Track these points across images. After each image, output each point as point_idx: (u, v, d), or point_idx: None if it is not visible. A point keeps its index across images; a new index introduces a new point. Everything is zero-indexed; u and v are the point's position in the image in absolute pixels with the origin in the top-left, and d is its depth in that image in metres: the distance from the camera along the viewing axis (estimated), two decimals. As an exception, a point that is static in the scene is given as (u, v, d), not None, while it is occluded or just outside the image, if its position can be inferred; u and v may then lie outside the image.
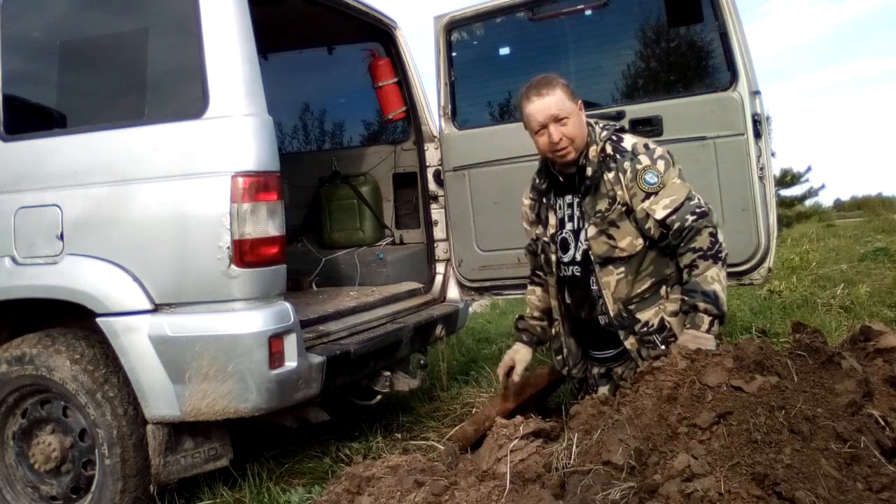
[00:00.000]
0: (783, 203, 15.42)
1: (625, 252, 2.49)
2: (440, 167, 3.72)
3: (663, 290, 2.52)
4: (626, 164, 2.47)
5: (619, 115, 3.21)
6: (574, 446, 1.96)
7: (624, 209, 2.48)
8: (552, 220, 2.65)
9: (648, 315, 2.50)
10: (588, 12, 3.46)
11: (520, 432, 2.20)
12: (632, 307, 2.51)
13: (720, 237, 2.41)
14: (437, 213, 3.77)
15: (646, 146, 2.50)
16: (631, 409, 2.01)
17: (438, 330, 3.51)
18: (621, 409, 2.04)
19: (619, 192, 2.47)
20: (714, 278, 2.38)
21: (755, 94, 3.05)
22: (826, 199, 24.01)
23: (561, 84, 2.51)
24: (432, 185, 3.77)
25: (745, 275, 3.09)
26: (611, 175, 2.49)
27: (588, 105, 3.34)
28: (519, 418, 2.34)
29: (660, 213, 2.42)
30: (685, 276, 2.44)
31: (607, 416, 2.02)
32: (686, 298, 2.42)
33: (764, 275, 3.08)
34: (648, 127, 3.17)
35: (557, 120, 2.46)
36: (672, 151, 2.54)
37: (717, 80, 3.15)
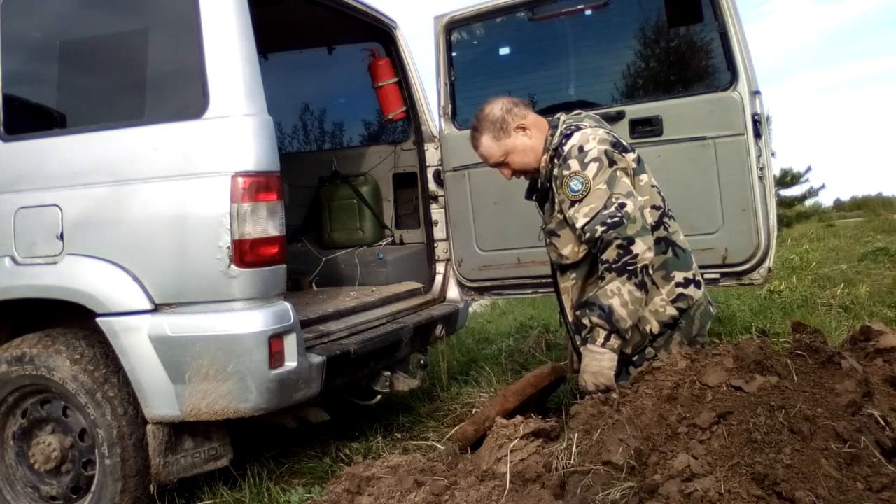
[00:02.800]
0: (783, 203, 15.42)
1: (568, 259, 2.51)
2: (440, 167, 3.72)
3: None
4: (557, 171, 2.45)
5: (619, 115, 3.21)
6: (574, 446, 1.96)
7: (562, 217, 2.47)
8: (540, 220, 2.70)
9: None
10: (588, 12, 3.46)
11: (520, 432, 2.20)
12: (579, 312, 2.48)
13: (635, 248, 2.28)
14: (437, 213, 3.77)
15: (581, 148, 2.41)
16: (631, 409, 2.01)
17: (438, 330, 3.51)
18: (621, 409, 2.04)
19: (558, 199, 2.47)
20: (614, 292, 2.30)
21: (755, 94, 3.05)
22: (826, 199, 24.02)
23: (486, 129, 2.56)
24: (432, 185, 3.77)
25: (745, 275, 3.10)
26: (552, 183, 2.50)
27: (588, 105, 3.37)
28: (519, 418, 2.33)
29: (580, 222, 2.37)
30: None
31: (607, 416, 2.02)
32: (583, 311, 2.39)
33: (764, 275, 3.08)
34: (648, 127, 3.17)
35: (498, 164, 2.60)
36: (672, 151, 2.54)
37: (717, 80, 3.14)
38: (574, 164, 2.40)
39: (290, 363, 2.45)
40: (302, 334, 2.54)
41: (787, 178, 15.65)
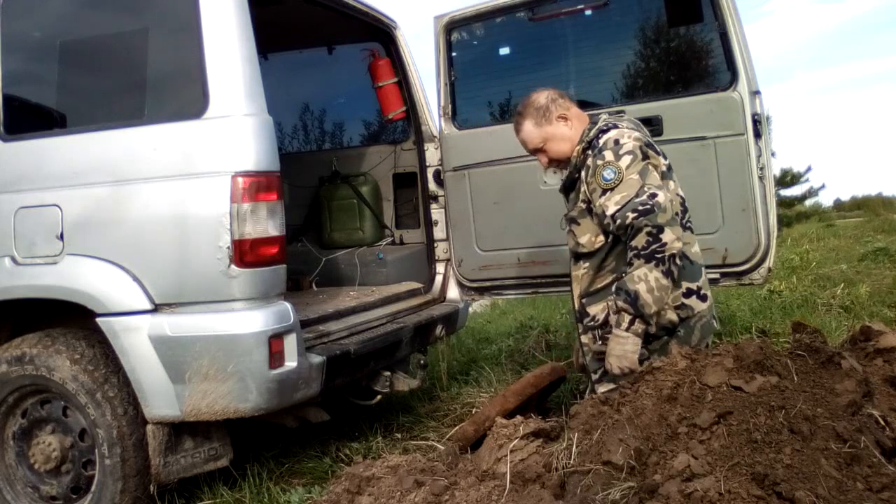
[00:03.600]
0: (783, 203, 15.43)
1: (585, 248, 2.55)
2: (440, 167, 3.72)
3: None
4: (590, 161, 2.50)
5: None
6: (574, 446, 1.96)
7: (585, 206, 2.51)
8: None
9: (596, 310, 2.54)
10: (588, 12, 3.46)
11: (520, 432, 2.20)
12: (585, 301, 2.56)
13: (664, 237, 2.32)
14: (437, 213, 3.77)
15: (616, 142, 2.46)
16: (631, 409, 2.01)
17: (438, 330, 3.51)
18: (621, 409, 2.04)
19: (583, 189, 2.51)
20: (641, 278, 2.33)
21: (755, 94, 3.05)
22: (826, 199, 24.01)
23: (530, 115, 2.63)
24: (432, 185, 3.77)
25: (745, 275, 3.09)
26: (583, 173, 2.53)
27: (588, 105, 3.37)
28: (519, 418, 2.34)
29: (611, 209, 2.40)
30: None
31: (607, 416, 2.02)
32: (612, 297, 2.44)
33: (764, 275, 3.08)
34: (648, 127, 3.16)
35: (537, 150, 2.66)
36: (671, 151, 2.53)
37: (717, 80, 3.14)
38: (608, 155, 2.44)
39: (290, 363, 2.45)
40: (302, 334, 2.54)
41: (787, 178, 15.66)
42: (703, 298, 2.52)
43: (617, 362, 2.43)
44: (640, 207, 2.34)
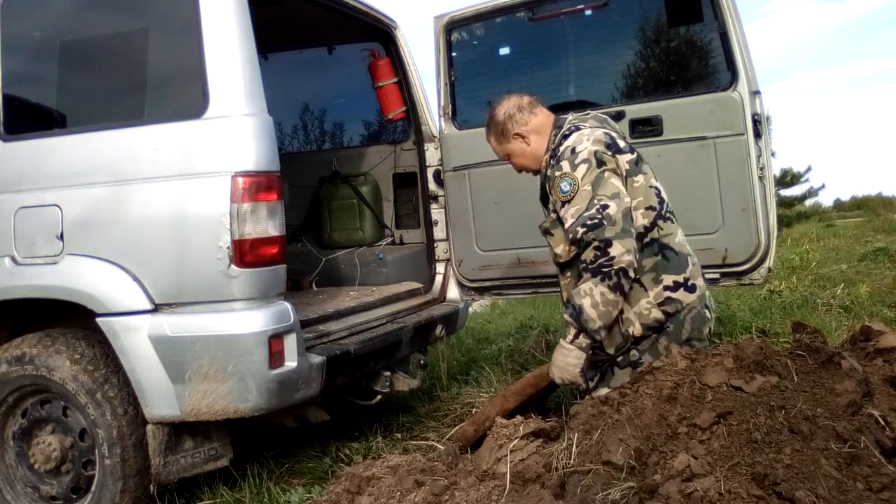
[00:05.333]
0: (783, 203, 15.43)
1: (561, 258, 2.56)
2: (440, 167, 3.72)
3: None
4: (550, 172, 2.51)
5: (619, 115, 3.21)
6: (574, 446, 1.96)
7: (555, 216, 2.51)
8: None
9: None
10: (588, 12, 3.46)
11: (520, 432, 2.20)
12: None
13: (612, 251, 2.30)
14: (437, 213, 3.77)
15: (573, 150, 2.44)
16: (631, 409, 2.01)
17: (438, 330, 3.51)
18: (621, 409, 2.04)
19: (551, 199, 2.53)
20: (587, 292, 2.34)
21: (755, 94, 3.05)
22: (826, 199, 24.00)
23: (490, 130, 2.70)
24: (432, 185, 3.77)
25: (745, 275, 3.09)
26: (547, 184, 2.56)
27: (588, 105, 3.37)
28: (519, 418, 2.33)
29: (568, 222, 2.41)
30: None
31: (607, 416, 2.02)
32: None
33: (764, 275, 3.07)
34: (648, 127, 3.17)
35: (506, 158, 2.74)
36: (672, 151, 2.53)
37: (717, 80, 3.14)
38: (565, 166, 2.44)
39: (290, 363, 2.45)
40: (302, 334, 2.53)
41: (787, 178, 15.67)
42: (692, 289, 2.46)
43: (558, 373, 2.47)
44: (589, 222, 2.33)
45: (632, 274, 2.36)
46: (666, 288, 2.44)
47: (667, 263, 2.46)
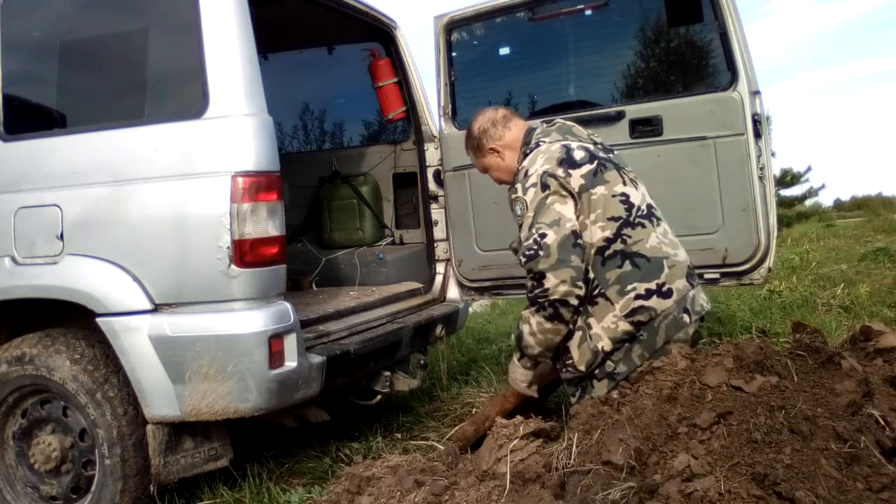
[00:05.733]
0: (783, 203, 15.43)
1: None
2: (440, 167, 3.72)
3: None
4: (508, 193, 2.60)
5: (619, 115, 3.21)
6: (574, 446, 1.96)
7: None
8: None
9: None
10: (588, 12, 3.46)
11: (520, 432, 2.20)
12: None
13: (546, 283, 2.35)
14: (437, 213, 3.77)
15: (526, 173, 2.50)
16: (631, 409, 2.01)
17: (438, 330, 3.51)
18: (621, 409, 2.04)
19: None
20: (525, 319, 2.48)
21: (755, 94, 3.05)
22: (826, 199, 23.97)
23: (468, 145, 2.81)
24: (432, 185, 3.77)
25: (745, 275, 3.09)
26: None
27: (588, 105, 3.38)
28: (519, 418, 2.34)
29: (519, 248, 2.49)
30: None
31: (607, 416, 2.03)
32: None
33: (764, 275, 3.07)
34: (648, 127, 3.17)
35: (484, 172, 2.88)
36: (672, 151, 2.54)
37: (717, 80, 3.14)
38: (519, 188, 2.51)
39: (290, 363, 2.45)
40: (302, 334, 2.53)
41: (787, 178, 15.66)
42: (667, 295, 2.40)
43: (512, 384, 2.70)
44: (528, 252, 2.40)
45: (573, 301, 2.38)
46: (637, 297, 2.39)
47: (636, 272, 2.41)
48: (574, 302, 2.38)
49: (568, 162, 2.47)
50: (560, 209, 2.40)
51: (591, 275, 2.43)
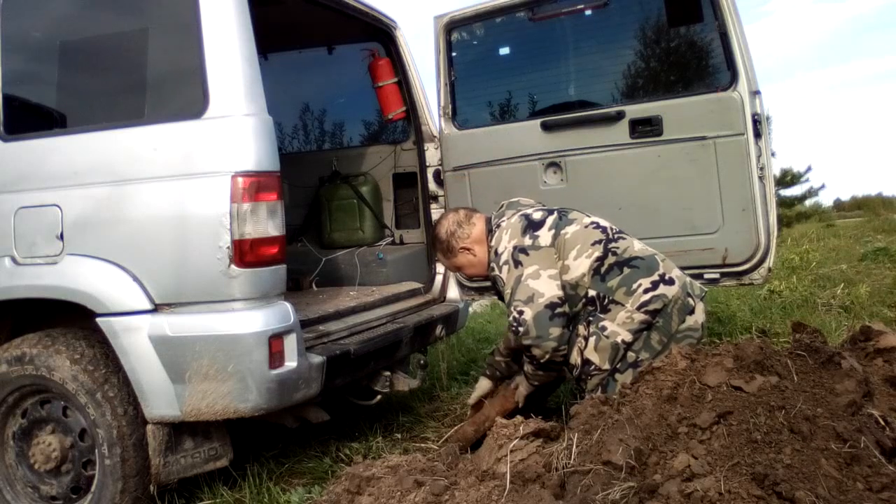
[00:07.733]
0: (783, 203, 15.41)
1: None
2: (440, 167, 3.72)
3: (580, 328, 2.65)
4: (489, 273, 2.80)
5: (620, 115, 3.21)
6: (574, 446, 1.96)
7: None
8: None
9: (574, 356, 2.65)
10: (588, 12, 3.46)
11: (520, 432, 2.20)
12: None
13: (535, 352, 2.61)
14: (437, 213, 3.76)
15: (496, 253, 2.70)
16: (631, 409, 2.01)
17: (438, 330, 3.51)
18: (621, 409, 2.04)
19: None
20: (524, 361, 2.77)
21: (755, 93, 3.05)
22: (826, 199, 23.96)
23: (438, 248, 3.00)
24: (432, 185, 3.77)
25: (745, 275, 3.09)
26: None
27: (588, 105, 3.38)
28: (519, 418, 2.34)
29: None
30: None
31: (607, 416, 2.02)
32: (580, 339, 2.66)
33: (764, 275, 3.08)
34: (648, 127, 3.17)
35: (457, 272, 3.09)
36: (672, 151, 2.54)
37: (717, 80, 3.14)
38: (495, 268, 2.72)
39: (290, 363, 2.45)
40: (302, 334, 2.53)
41: (787, 178, 15.64)
42: (671, 282, 2.58)
43: (517, 396, 2.93)
44: (512, 327, 2.68)
45: (559, 359, 2.63)
46: (646, 290, 2.56)
47: (637, 271, 2.59)
48: (560, 359, 2.65)
49: (531, 226, 2.69)
50: (532, 285, 2.59)
51: (593, 293, 2.60)
